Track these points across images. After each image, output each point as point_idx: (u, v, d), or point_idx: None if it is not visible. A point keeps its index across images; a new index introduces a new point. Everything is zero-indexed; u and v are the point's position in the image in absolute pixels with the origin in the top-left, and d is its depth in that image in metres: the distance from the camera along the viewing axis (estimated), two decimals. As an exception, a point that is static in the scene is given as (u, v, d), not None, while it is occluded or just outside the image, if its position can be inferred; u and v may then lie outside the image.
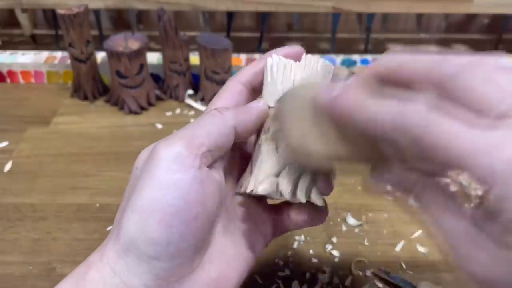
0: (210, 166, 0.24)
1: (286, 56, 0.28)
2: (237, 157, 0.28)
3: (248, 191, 0.25)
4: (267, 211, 0.29)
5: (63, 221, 0.41)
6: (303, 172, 0.26)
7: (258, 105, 0.26)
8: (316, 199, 0.27)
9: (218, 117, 0.24)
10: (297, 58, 0.28)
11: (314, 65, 0.27)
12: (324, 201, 0.27)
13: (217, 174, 0.25)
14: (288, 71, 0.27)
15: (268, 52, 0.28)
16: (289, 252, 0.39)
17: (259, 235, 0.28)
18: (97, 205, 0.43)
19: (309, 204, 0.27)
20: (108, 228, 0.41)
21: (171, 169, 0.22)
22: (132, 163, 0.32)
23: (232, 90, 0.28)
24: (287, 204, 0.28)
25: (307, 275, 0.37)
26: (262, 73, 0.28)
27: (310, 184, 0.26)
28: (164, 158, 0.23)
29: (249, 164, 0.27)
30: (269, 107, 0.27)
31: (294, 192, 0.26)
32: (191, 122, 0.27)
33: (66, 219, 0.42)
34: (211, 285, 0.24)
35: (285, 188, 0.25)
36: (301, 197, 0.26)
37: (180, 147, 0.23)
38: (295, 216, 0.27)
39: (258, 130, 0.27)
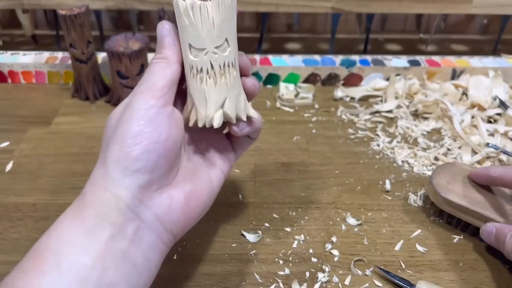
0: (169, 104, 0.31)
1: None
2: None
3: (200, 125, 0.31)
4: (221, 134, 0.36)
5: (64, 221, 0.42)
6: (239, 95, 0.32)
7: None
8: (252, 113, 0.33)
9: (164, 63, 0.31)
10: None
11: (226, 1, 0.30)
12: (258, 113, 0.34)
13: (175, 110, 0.31)
14: (204, 12, 0.29)
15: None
16: (289, 252, 0.39)
17: (221, 154, 0.35)
18: (98, 204, 0.43)
19: (248, 119, 0.33)
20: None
21: (142, 109, 0.29)
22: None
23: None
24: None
25: (307, 274, 0.38)
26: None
27: (245, 103, 0.32)
28: (137, 104, 0.29)
29: (188, 99, 0.32)
30: (193, 48, 0.30)
31: (236, 115, 0.32)
32: (145, 73, 0.31)
33: (67, 218, 0.42)
34: (186, 196, 0.31)
35: (231, 114, 0.31)
36: (242, 116, 0.32)
37: (146, 94, 0.30)
38: (239, 127, 0.33)
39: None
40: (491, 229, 0.38)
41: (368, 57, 0.64)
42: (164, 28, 0.32)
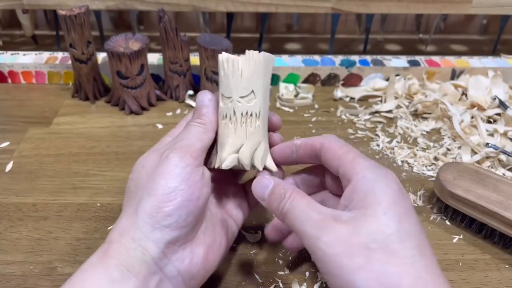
0: (201, 164, 0.32)
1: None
2: None
3: (216, 166, 0.33)
4: (238, 187, 0.38)
5: (64, 221, 0.42)
6: (258, 145, 0.33)
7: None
8: (270, 166, 0.34)
9: (202, 127, 0.33)
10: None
11: (257, 58, 0.33)
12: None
13: (206, 170, 0.33)
14: (236, 66, 0.33)
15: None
16: (289, 252, 0.40)
17: (236, 206, 0.37)
18: (98, 204, 0.44)
19: (266, 171, 0.34)
20: (109, 228, 0.41)
21: (178, 166, 0.30)
22: (133, 163, 0.33)
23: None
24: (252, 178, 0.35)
25: (307, 274, 0.38)
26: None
27: (264, 154, 0.34)
28: (173, 160, 0.30)
29: (215, 145, 0.34)
30: (223, 96, 0.33)
31: (252, 163, 0.33)
32: (183, 132, 0.33)
33: (67, 218, 0.42)
34: (205, 250, 0.32)
35: (245, 160, 0.32)
36: (258, 166, 0.33)
37: (185, 153, 0.31)
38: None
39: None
40: (268, 182, 0.32)
41: (368, 57, 0.64)
42: (206, 97, 0.34)
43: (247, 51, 0.33)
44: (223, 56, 0.33)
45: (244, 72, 0.33)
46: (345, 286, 0.26)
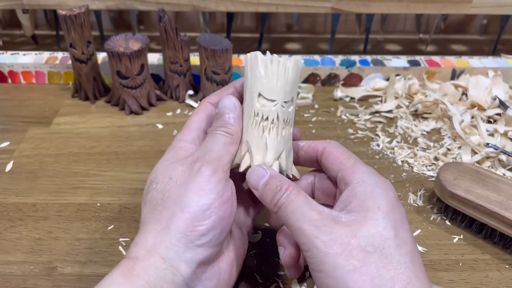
0: (229, 177, 0.31)
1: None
2: None
3: None
4: (245, 193, 0.36)
5: (64, 221, 0.42)
6: (290, 153, 0.33)
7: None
8: (295, 173, 0.34)
9: (229, 138, 0.32)
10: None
11: (299, 65, 0.32)
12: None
13: (232, 182, 0.31)
14: (282, 68, 0.31)
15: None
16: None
17: (247, 215, 0.36)
18: (98, 204, 0.44)
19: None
20: (110, 228, 0.41)
21: (212, 182, 0.29)
22: (133, 163, 0.33)
23: (204, 108, 0.35)
24: None
25: (307, 274, 0.38)
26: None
27: (292, 163, 0.34)
28: (206, 174, 0.29)
29: (241, 144, 0.33)
30: (262, 97, 0.31)
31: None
32: (209, 141, 0.32)
33: (67, 218, 0.42)
34: (231, 264, 0.31)
35: (284, 166, 0.32)
36: (289, 173, 0.33)
37: (216, 166, 0.30)
38: None
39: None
40: (264, 173, 0.31)
41: (368, 57, 0.64)
42: (231, 102, 0.33)
43: (292, 56, 0.31)
44: (268, 55, 0.31)
45: (291, 77, 0.31)
46: (337, 286, 0.26)
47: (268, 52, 0.32)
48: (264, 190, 0.30)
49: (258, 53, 0.32)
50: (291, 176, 0.33)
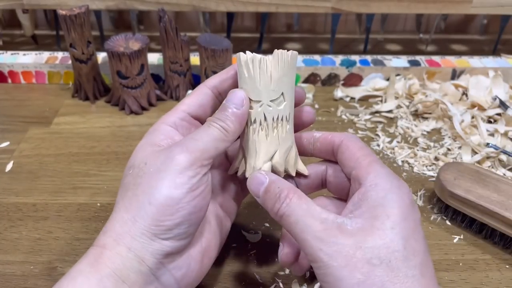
0: (208, 171, 0.30)
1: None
2: None
3: (247, 175, 0.32)
4: (232, 176, 0.35)
5: (64, 221, 0.42)
6: (290, 150, 0.32)
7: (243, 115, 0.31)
8: (302, 169, 0.34)
9: (223, 134, 0.30)
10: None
11: (286, 58, 0.31)
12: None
13: (210, 175, 0.30)
14: (264, 66, 0.30)
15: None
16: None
17: (232, 199, 0.35)
18: (98, 204, 0.44)
19: (297, 174, 0.34)
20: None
21: (185, 175, 0.28)
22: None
23: (199, 92, 0.33)
24: None
25: (307, 274, 0.38)
26: (229, 79, 0.33)
27: (296, 158, 0.33)
28: (180, 163, 0.28)
29: (239, 149, 0.33)
30: (250, 100, 0.31)
31: (285, 169, 0.33)
32: (201, 129, 0.30)
33: (67, 218, 0.42)
34: (202, 253, 0.31)
35: (280, 168, 0.32)
36: (292, 172, 0.33)
37: (195, 158, 0.28)
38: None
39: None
40: (263, 179, 0.30)
41: (368, 57, 0.64)
42: (239, 99, 0.30)
43: (275, 50, 0.31)
44: (247, 56, 0.30)
45: (273, 73, 0.30)
46: None
47: (248, 52, 0.31)
48: (265, 197, 0.30)
49: (241, 53, 0.31)
50: (293, 174, 0.33)
